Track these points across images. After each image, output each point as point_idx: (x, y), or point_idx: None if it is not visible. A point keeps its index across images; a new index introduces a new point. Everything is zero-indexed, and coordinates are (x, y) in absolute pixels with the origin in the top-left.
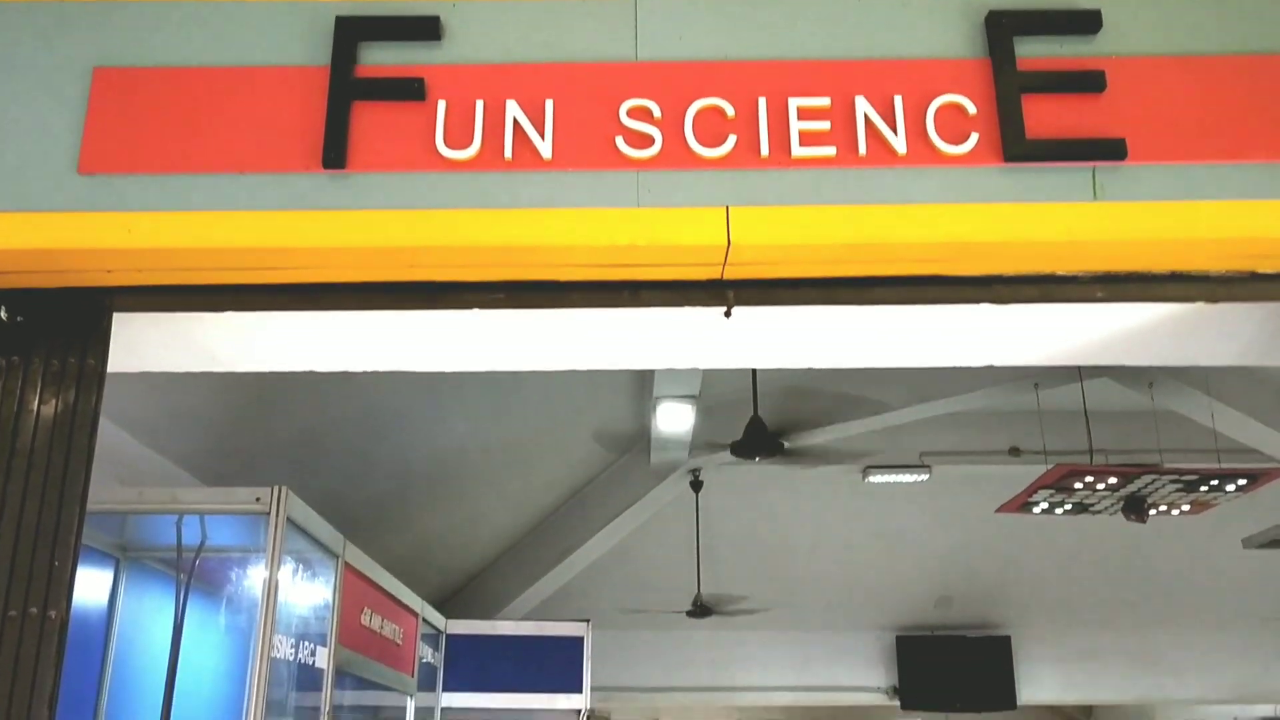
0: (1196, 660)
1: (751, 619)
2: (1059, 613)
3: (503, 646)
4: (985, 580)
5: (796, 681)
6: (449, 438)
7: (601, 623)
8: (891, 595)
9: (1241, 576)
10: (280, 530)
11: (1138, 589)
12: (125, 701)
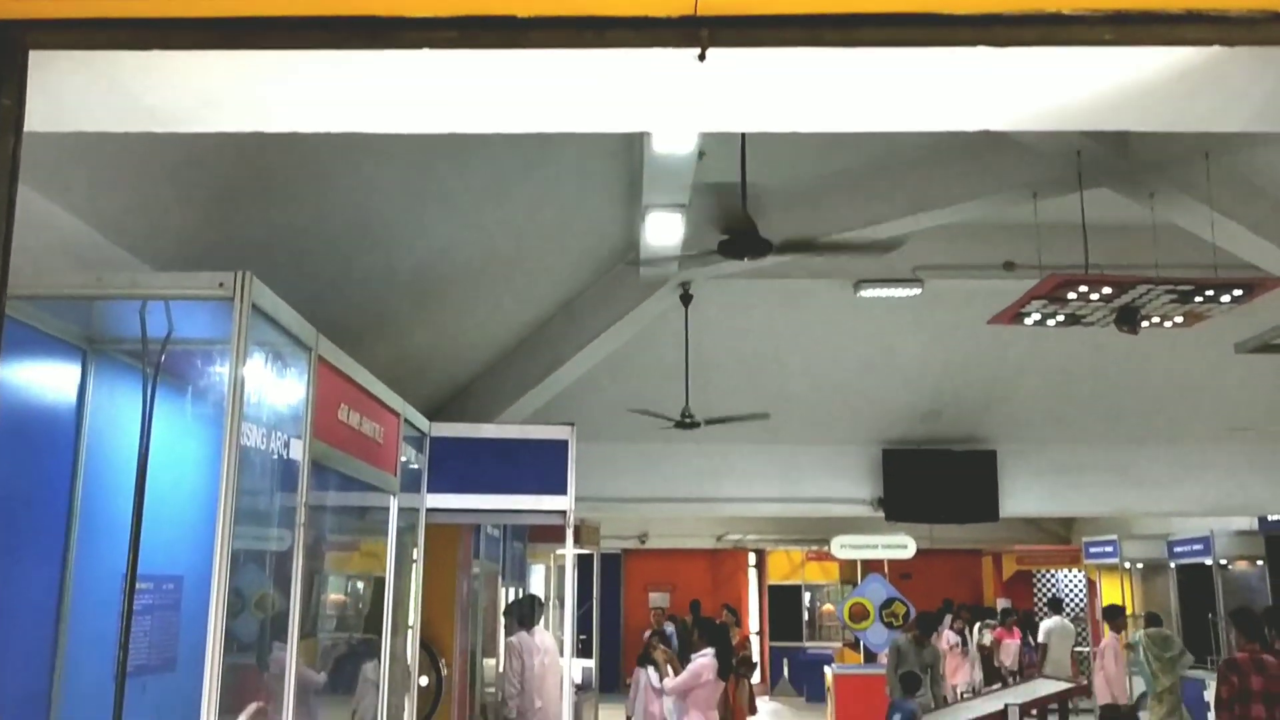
0: (1176, 474)
1: (739, 433)
2: (1044, 427)
3: (487, 449)
4: (973, 395)
5: (783, 493)
6: (433, 246)
7: (590, 436)
8: (880, 410)
9: (1224, 392)
10: (245, 317)
11: (1122, 404)
12: (99, 498)
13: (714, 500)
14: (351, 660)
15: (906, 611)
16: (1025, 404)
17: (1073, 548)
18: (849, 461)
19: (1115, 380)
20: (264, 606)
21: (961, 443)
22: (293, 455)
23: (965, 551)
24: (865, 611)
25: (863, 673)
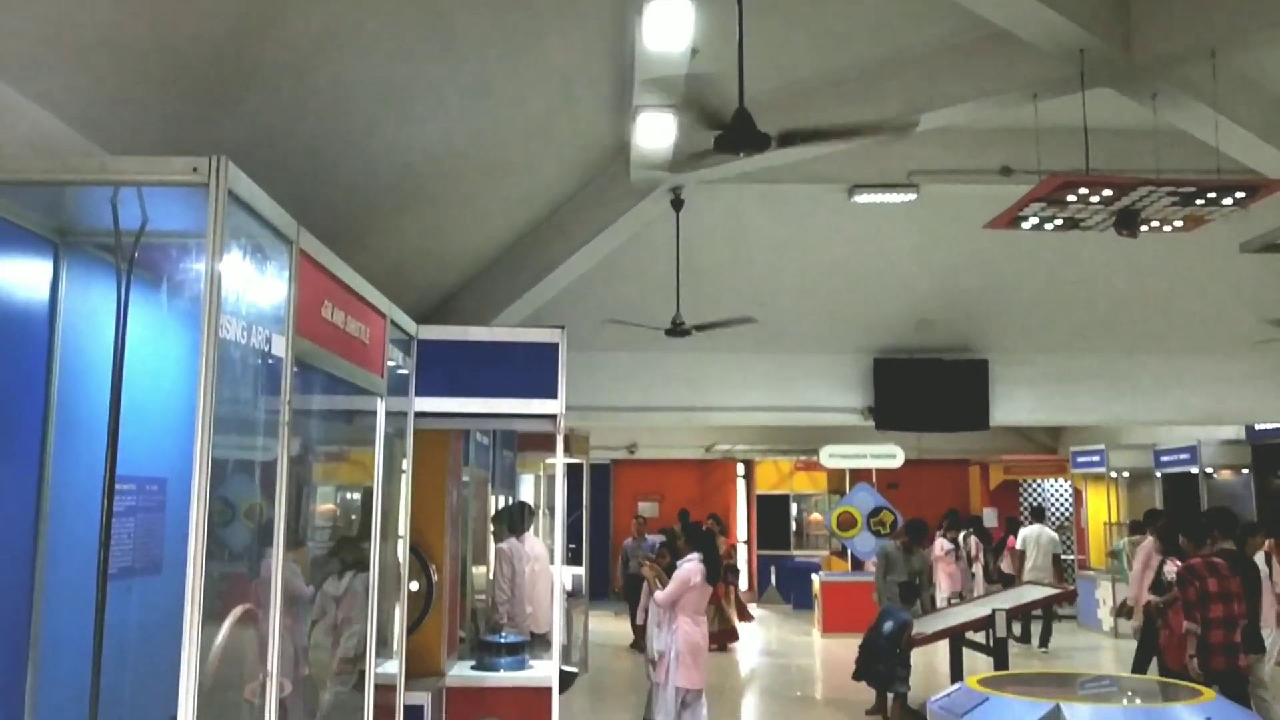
0: (1167, 383)
1: (730, 341)
2: (1037, 336)
3: (476, 353)
4: (966, 304)
5: (773, 402)
6: (417, 147)
7: (579, 345)
8: (872, 318)
9: (1217, 301)
10: (221, 205)
11: (1115, 313)
12: (76, 397)
13: (704, 409)
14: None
15: (894, 520)
16: (1018, 313)
17: (1059, 458)
18: (840, 370)
19: (1108, 289)
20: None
21: (953, 352)
22: (275, 352)
23: (952, 462)
24: (853, 520)
25: (849, 580)
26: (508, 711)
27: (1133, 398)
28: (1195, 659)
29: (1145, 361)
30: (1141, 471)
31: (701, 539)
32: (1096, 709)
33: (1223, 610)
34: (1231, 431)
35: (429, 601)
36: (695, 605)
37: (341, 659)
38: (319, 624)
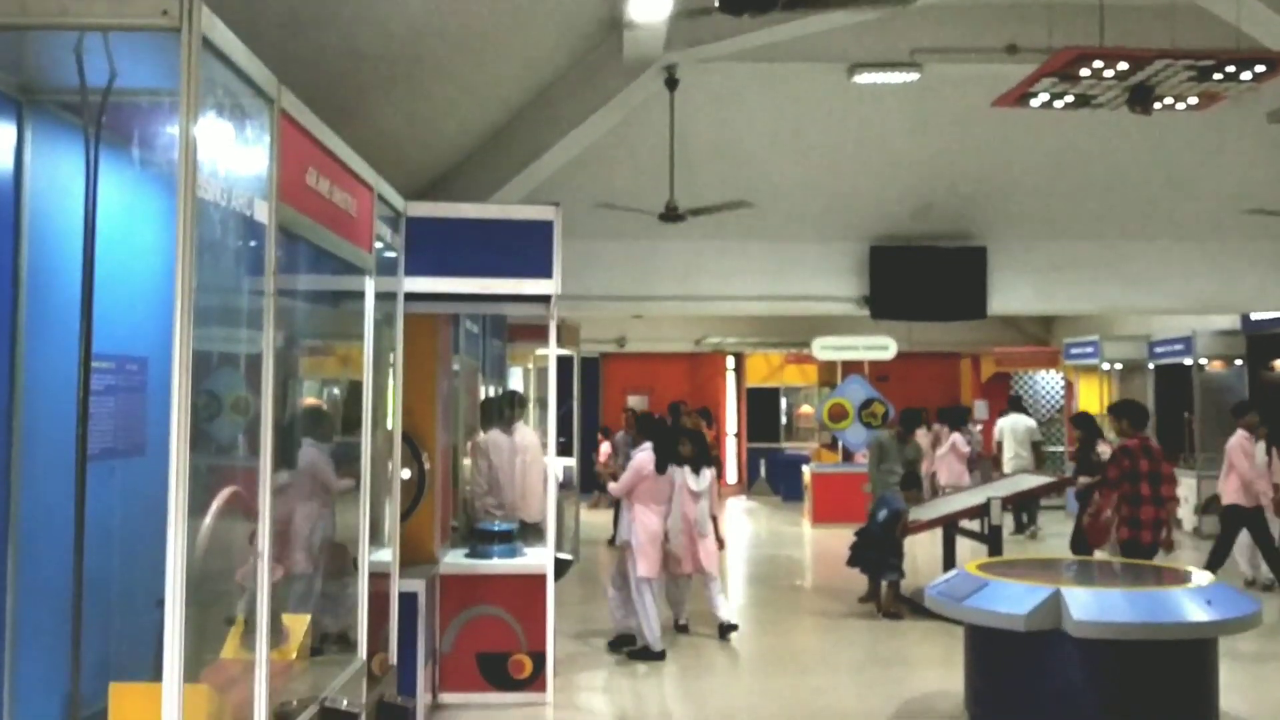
0: (1168, 271)
1: (724, 229)
2: (1037, 223)
3: (467, 231)
4: (966, 189)
5: (768, 291)
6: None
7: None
8: (869, 205)
9: (1220, 187)
10: (194, 52)
11: (1116, 199)
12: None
13: (697, 298)
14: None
15: (885, 412)
16: (1018, 198)
17: (1052, 349)
18: (836, 258)
19: (1109, 174)
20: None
21: (951, 239)
22: (258, 218)
23: (943, 354)
24: (844, 412)
25: (839, 471)
26: (502, 599)
27: (1132, 285)
28: (1123, 529)
29: (1145, 249)
30: (1134, 363)
31: (652, 427)
32: (1095, 593)
33: (1149, 490)
34: (1227, 322)
35: (421, 490)
36: (651, 494)
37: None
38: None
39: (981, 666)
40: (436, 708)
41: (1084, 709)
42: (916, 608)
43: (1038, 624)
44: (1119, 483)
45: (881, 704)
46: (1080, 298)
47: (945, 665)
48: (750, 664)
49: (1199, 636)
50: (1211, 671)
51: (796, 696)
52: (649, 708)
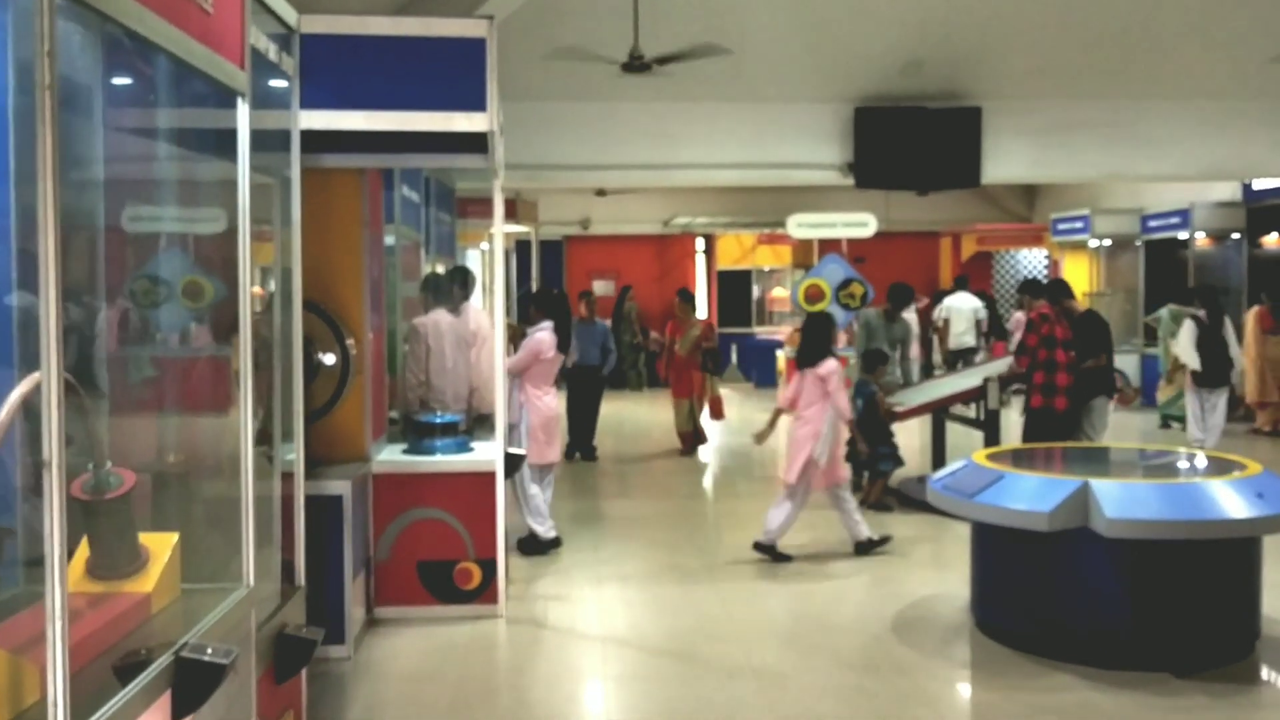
0: (1172, 134)
1: (695, 89)
2: (1036, 81)
3: (378, 51)
4: (960, 45)
5: (743, 158)
6: None
7: (522, 93)
8: (853, 60)
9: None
10: None
11: (1123, 54)
12: None
13: (668, 167)
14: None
15: (865, 292)
16: (1016, 53)
17: (1037, 226)
18: (818, 121)
19: (1117, 24)
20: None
21: (943, 99)
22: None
23: (922, 234)
24: (821, 293)
25: None
26: (446, 500)
27: (1135, 149)
28: (1036, 396)
29: (1150, 110)
30: (1125, 238)
31: (553, 304)
32: (1128, 487)
33: (1064, 356)
34: (1227, 193)
35: (345, 377)
36: (545, 376)
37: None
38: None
39: (992, 569)
40: (373, 623)
41: (1111, 615)
42: (905, 499)
43: (1063, 522)
44: (1036, 349)
45: (878, 609)
46: (1083, 164)
47: (940, 563)
48: (728, 568)
49: (1247, 534)
50: (1256, 571)
51: (784, 604)
52: (616, 621)
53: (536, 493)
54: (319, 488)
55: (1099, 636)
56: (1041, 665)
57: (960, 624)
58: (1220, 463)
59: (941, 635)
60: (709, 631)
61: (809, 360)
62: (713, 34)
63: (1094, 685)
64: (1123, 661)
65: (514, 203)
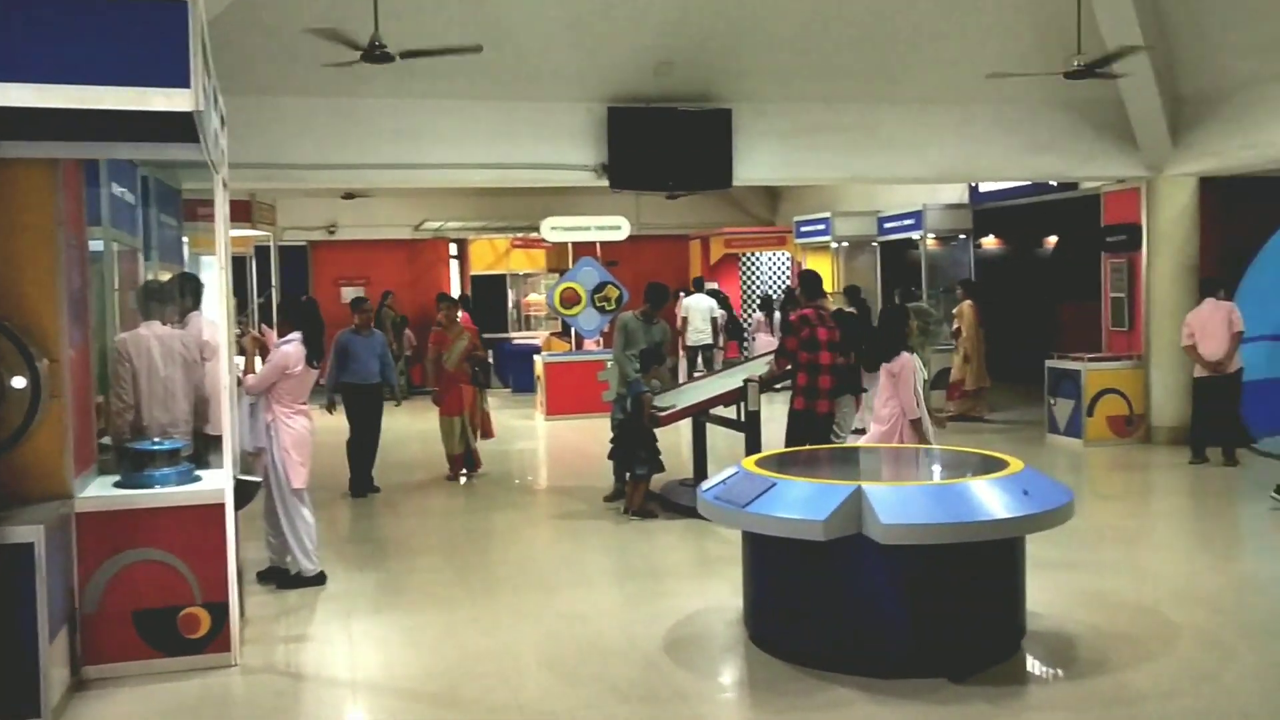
0: (910, 139)
1: (443, 86)
2: (784, 85)
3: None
4: (710, 46)
5: (496, 158)
6: None
7: (255, 87)
8: (608, 59)
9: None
10: None
11: (869, 60)
12: None
13: (417, 167)
14: None
15: (620, 295)
16: (764, 56)
17: (781, 229)
18: (571, 121)
19: (858, 34)
20: None
21: (695, 100)
22: None
23: (673, 236)
24: (577, 296)
25: (573, 360)
26: (166, 538)
27: (879, 154)
28: (799, 399)
29: (895, 116)
30: (863, 239)
31: (302, 313)
32: (900, 490)
33: (829, 358)
34: (955, 196)
35: (35, 401)
36: (295, 392)
37: None
38: None
39: (765, 580)
40: (80, 685)
41: (887, 623)
42: (669, 504)
43: (838, 530)
44: (798, 353)
45: (647, 627)
46: (828, 166)
47: (709, 572)
48: (485, 586)
49: (1017, 533)
50: (1021, 568)
51: (552, 628)
52: (368, 662)
53: (310, 520)
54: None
55: (876, 646)
56: (820, 679)
57: (735, 639)
58: (983, 461)
59: (717, 653)
60: (471, 667)
61: (882, 357)
62: (461, 28)
63: (875, 698)
64: (901, 670)
65: (248, 205)
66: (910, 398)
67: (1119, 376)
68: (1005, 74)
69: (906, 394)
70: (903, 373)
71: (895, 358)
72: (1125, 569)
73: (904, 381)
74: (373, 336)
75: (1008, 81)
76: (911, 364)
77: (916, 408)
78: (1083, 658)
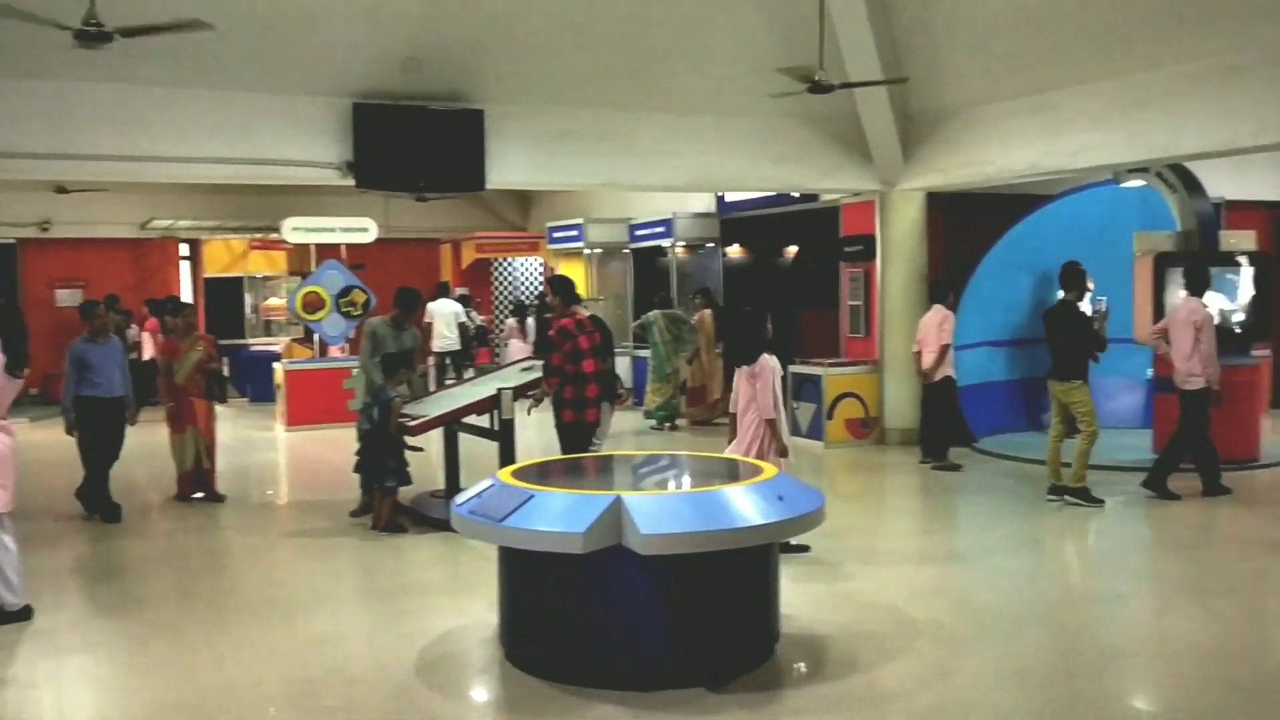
0: (664, 146)
1: (170, 71)
2: (538, 87)
3: None
4: (461, 44)
5: (229, 153)
6: None
7: None
8: (352, 51)
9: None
10: None
11: (619, 68)
12: None
13: (139, 159)
14: None
15: (367, 300)
16: (517, 57)
17: (534, 234)
18: (313, 115)
19: (615, 40)
20: None
21: (446, 99)
22: None
23: (424, 240)
24: (320, 301)
25: (316, 367)
26: None
27: (632, 160)
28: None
29: (648, 122)
30: (615, 246)
31: (3, 318)
32: (659, 500)
33: (593, 366)
34: (703, 205)
35: None
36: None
37: None
38: None
39: (521, 595)
40: None
41: (647, 634)
42: (421, 517)
43: (597, 542)
44: (562, 366)
45: (397, 649)
46: (582, 171)
47: (463, 588)
48: (218, 614)
49: (774, 539)
50: (776, 572)
51: (288, 653)
52: (79, 708)
53: (11, 547)
54: None
55: (637, 658)
56: (580, 697)
57: (491, 658)
58: (739, 467)
59: (472, 674)
60: (202, 704)
61: (744, 358)
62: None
63: (635, 712)
64: (661, 682)
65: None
66: (769, 398)
67: (856, 381)
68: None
69: (765, 395)
70: (763, 374)
71: (755, 360)
72: (868, 568)
73: (764, 382)
74: (110, 343)
75: (754, 94)
76: (770, 365)
77: (774, 408)
78: (833, 659)
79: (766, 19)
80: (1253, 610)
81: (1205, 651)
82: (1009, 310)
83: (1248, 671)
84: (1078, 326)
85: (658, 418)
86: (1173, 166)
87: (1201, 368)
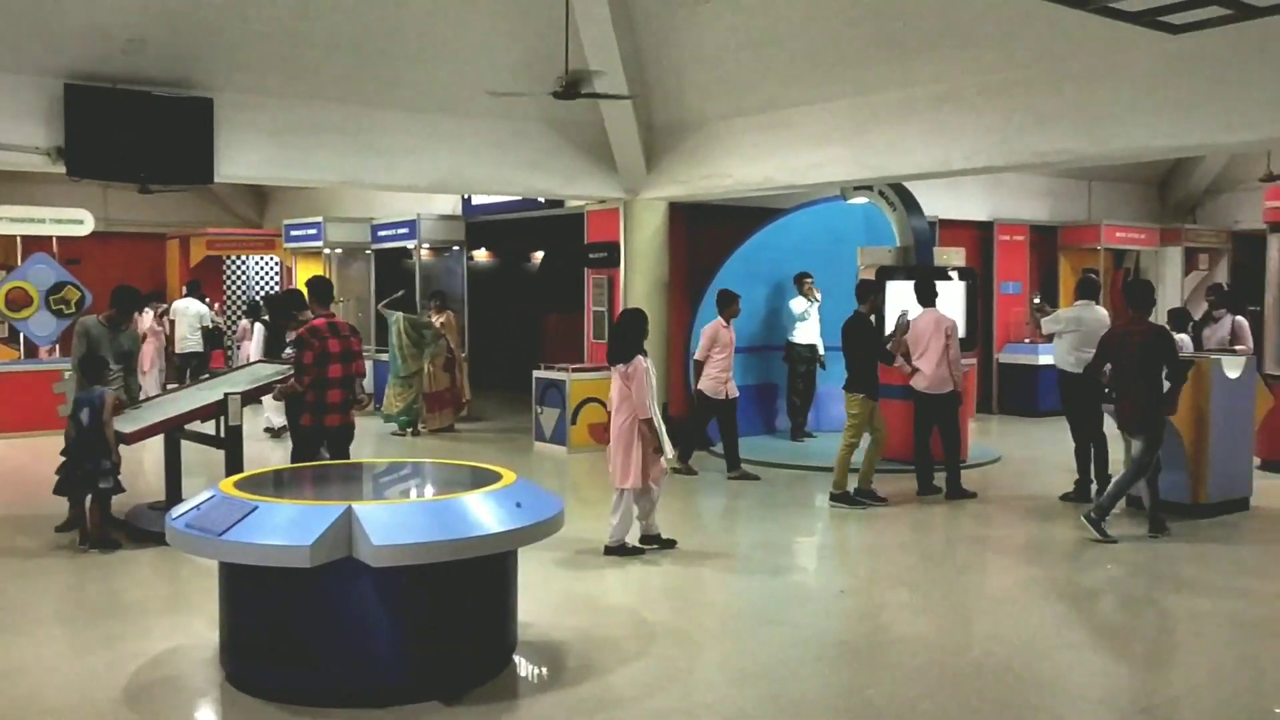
0: (406, 145)
1: None
2: (273, 78)
3: None
4: (188, 28)
5: None
6: None
7: None
8: (63, 28)
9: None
10: None
11: (361, 63)
12: None
13: None
14: None
15: (81, 297)
16: (251, 45)
17: (269, 232)
18: (15, 95)
19: (357, 35)
20: None
21: (171, 86)
22: None
23: (148, 235)
24: (28, 298)
25: (23, 370)
26: None
27: (374, 158)
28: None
29: (392, 120)
30: (356, 247)
31: None
32: (393, 509)
33: (342, 370)
34: (449, 207)
35: None
36: None
37: None
38: None
39: (244, 613)
40: None
41: (378, 649)
42: (137, 531)
43: (327, 555)
44: (311, 367)
45: (104, 676)
46: (320, 168)
47: (182, 606)
48: None
49: (512, 547)
50: (514, 580)
51: None
52: None
53: None
54: None
55: (368, 674)
56: (308, 718)
57: (210, 681)
58: (477, 474)
59: (189, 699)
60: None
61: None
62: None
63: None
64: (395, 698)
65: None
66: (645, 398)
67: (600, 386)
68: (503, 93)
69: (640, 395)
70: (637, 374)
71: (630, 360)
72: (593, 571)
73: (638, 383)
74: None
75: (501, 97)
76: (645, 365)
77: (648, 407)
78: (570, 665)
79: (514, 24)
80: (958, 603)
81: (925, 643)
82: (744, 318)
83: (957, 660)
84: (866, 340)
85: (399, 422)
86: (893, 185)
87: (950, 371)
